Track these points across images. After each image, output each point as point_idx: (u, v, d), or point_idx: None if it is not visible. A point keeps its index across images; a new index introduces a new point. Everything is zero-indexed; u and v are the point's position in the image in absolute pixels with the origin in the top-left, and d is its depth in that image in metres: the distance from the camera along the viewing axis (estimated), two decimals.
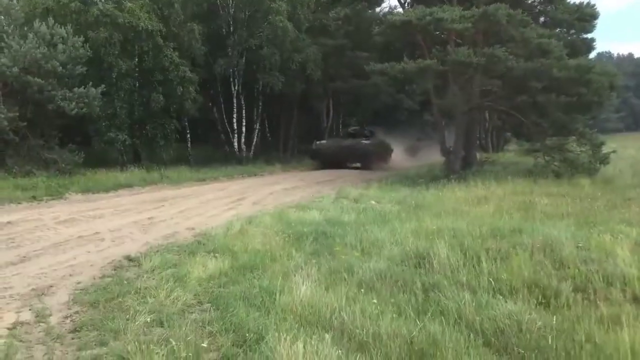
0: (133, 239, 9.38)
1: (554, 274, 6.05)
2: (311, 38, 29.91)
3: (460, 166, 21.29)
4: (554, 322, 4.65)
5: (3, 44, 18.61)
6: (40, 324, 5.08)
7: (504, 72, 18.85)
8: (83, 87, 19.66)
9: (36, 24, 19.51)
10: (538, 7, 25.74)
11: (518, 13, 18.88)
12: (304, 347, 4.01)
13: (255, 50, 27.12)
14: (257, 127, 30.23)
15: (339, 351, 4.07)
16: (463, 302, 5.03)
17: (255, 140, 29.89)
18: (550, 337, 4.37)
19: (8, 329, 4.90)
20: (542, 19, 25.24)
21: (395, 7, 34.35)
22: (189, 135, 27.40)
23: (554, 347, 4.24)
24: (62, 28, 19.76)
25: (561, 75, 18.19)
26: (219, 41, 27.81)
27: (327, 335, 4.23)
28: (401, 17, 20.82)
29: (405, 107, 36.20)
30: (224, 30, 27.90)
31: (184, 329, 4.63)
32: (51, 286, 6.29)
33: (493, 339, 4.47)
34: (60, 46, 19.34)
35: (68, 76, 19.89)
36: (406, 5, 25.52)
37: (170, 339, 4.33)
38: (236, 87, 28.29)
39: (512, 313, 4.77)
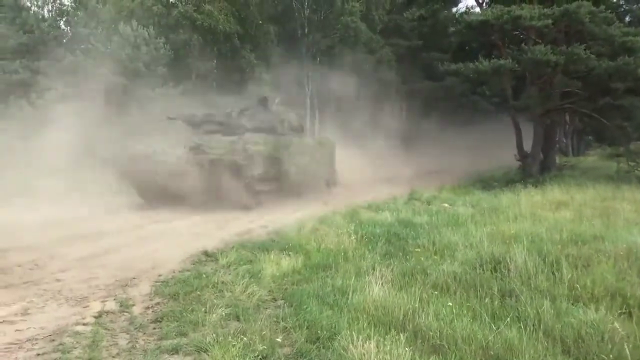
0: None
1: (639, 282, 5.78)
2: (385, 39, 29.79)
3: (538, 170, 20.62)
4: (638, 332, 4.45)
5: (90, 46, 19.57)
6: (124, 313, 5.33)
7: (584, 72, 18.07)
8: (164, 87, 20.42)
9: (121, 26, 20.39)
10: (623, 6, 24.68)
11: (601, 11, 18.11)
12: (376, 346, 4.02)
13: (329, 51, 27.28)
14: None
15: (412, 352, 4.05)
16: (542, 309, 4.88)
17: None
18: (632, 347, 4.19)
19: (94, 317, 5.17)
20: (627, 18, 24.21)
21: (472, 7, 33.58)
22: None
23: (637, 358, 4.07)
24: (145, 30, 20.56)
25: None
26: (294, 42, 28.16)
27: (402, 336, 4.22)
28: (478, 16, 20.37)
29: (480, 108, 35.38)
30: (298, 32, 28.24)
31: (259, 323, 4.74)
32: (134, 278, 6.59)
33: (573, 348, 4.33)
34: (143, 48, 20.13)
35: (151, 76, 20.70)
36: (484, 5, 24.94)
37: (246, 333, 4.45)
38: (310, 88, 28.57)
39: (593, 322, 4.59)
